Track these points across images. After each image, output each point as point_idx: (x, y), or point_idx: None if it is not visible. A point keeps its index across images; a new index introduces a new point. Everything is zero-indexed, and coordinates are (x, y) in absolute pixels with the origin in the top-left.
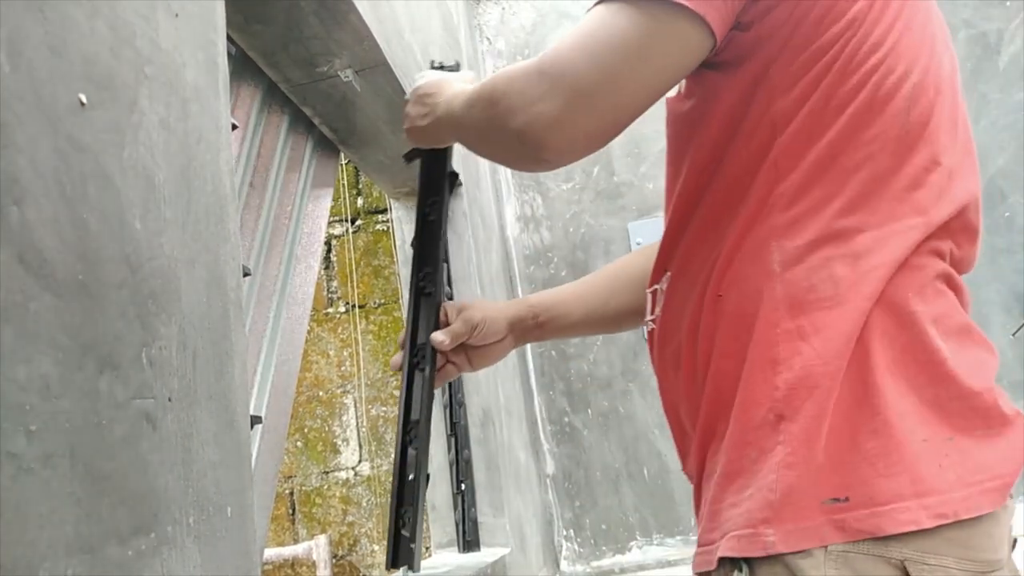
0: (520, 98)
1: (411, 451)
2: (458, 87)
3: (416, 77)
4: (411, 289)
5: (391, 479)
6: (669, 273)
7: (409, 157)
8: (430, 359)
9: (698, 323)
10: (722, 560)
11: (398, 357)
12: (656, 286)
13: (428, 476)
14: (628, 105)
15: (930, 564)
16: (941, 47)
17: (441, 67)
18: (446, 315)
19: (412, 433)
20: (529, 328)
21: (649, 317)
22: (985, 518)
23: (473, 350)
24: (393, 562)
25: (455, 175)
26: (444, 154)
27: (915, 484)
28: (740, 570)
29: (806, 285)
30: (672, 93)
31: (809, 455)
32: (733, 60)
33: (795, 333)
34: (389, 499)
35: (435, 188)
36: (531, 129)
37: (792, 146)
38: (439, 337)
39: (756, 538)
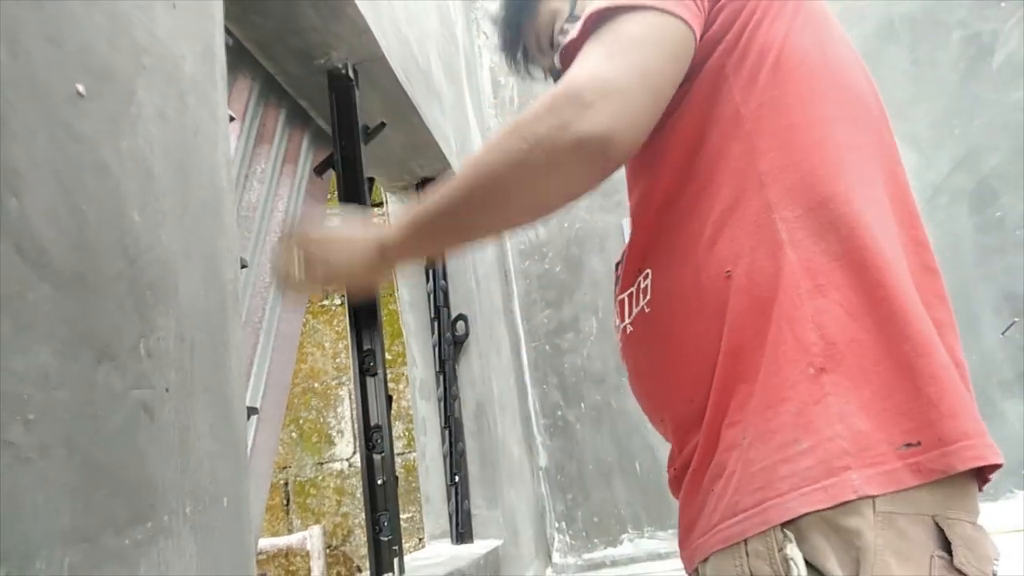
0: (568, 111)
1: (376, 457)
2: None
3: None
4: (348, 295)
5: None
6: (649, 271)
7: (319, 170)
8: (380, 362)
9: (700, 305)
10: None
11: None
12: (631, 289)
13: (397, 478)
14: (658, 102)
15: (951, 519)
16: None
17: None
18: None
19: (375, 439)
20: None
21: (626, 321)
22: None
23: None
24: (377, 570)
25: (372, 180)
26: (358, 161)
27: (976, 423)
28: (790, 540)
29: (816, 248)
30: None
31: (869, 402)
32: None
33: (816, 292)
34: (364, 508)
35: (354, 194)
36: (593, 127)
37: (766, 127)
38: None
39: (842, 484)
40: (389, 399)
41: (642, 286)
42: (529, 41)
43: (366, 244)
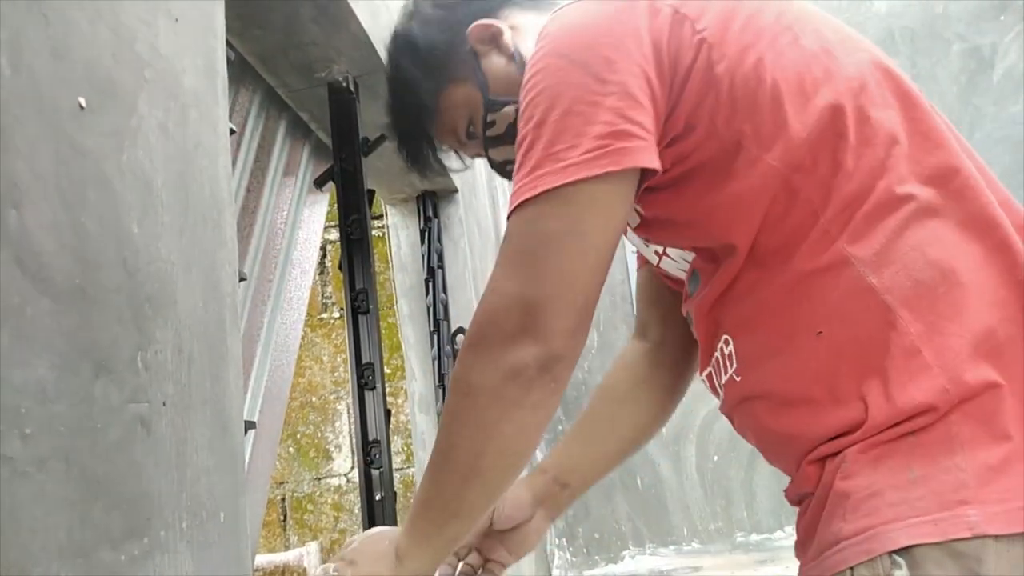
0: (496, 348)
1: (374, 472)
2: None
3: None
4: (347, 310)
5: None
6: (728, 337)
7: (319, 182)
8: (379, 376)
9: (791, 369)
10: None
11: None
12: (708, 368)
13: (395, 494)
14: (592, 283)
15: None
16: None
17: None
18: None
19: (373, 453)
20: (557, 495)
21: (730, 374)
22: None
23: (505, 537)
24: None
25: (372, 192)
26: (358, 173)
27: None
28: (899, 567)
29: (910, 284)
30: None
31: (992, 435)
32: (699, 160)
33: (930, 331)
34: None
35: (354, 207)
36: (525, 357)
37: (816, 181)
38: None
39: (955, 520)
40: (388, 413)
41: (723, 358)
42: (444, 141)
43: (389, 561)
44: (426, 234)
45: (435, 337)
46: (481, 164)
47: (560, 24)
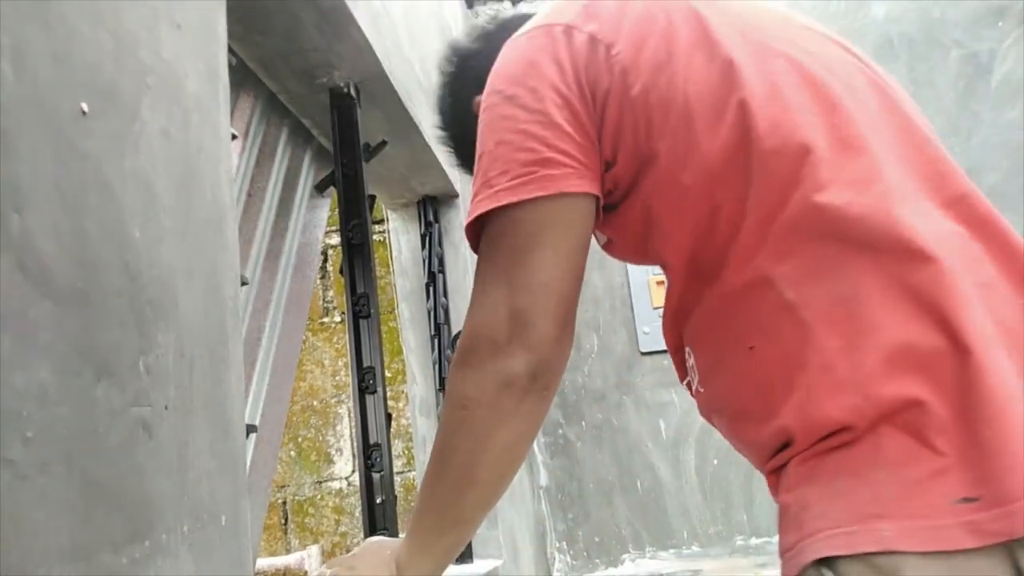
0: (486, 360)
1: (375, 475)
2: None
3: None
4: (348, 314)
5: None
6: (689, 350)
7: (321, 187)
8: (380, 380)
9: (733, 384)
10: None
11: None
12: (686, 378)
13: (396, 498)
14: (565, 295)
15: None
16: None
17: None
18: None
19: (374, 457)
20: None
21: (696, 386)
22: None
23: None
24: None
25: (373, 197)
26: (360, 179)
27: None
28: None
29: (829, 298)
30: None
31: (919, 450)
32: (628, 182)
33: (846, 347)
34: (363, 527)
35: (355, 211)
36: (512, 366)
37: (733, 196)
38: None
39: (866, 534)
40: (389, 417)
41: (691, 365)
42: None
43: (389, 570)
44: (427, 239)
45: (436, 341)
46: None
47: (498, 62)
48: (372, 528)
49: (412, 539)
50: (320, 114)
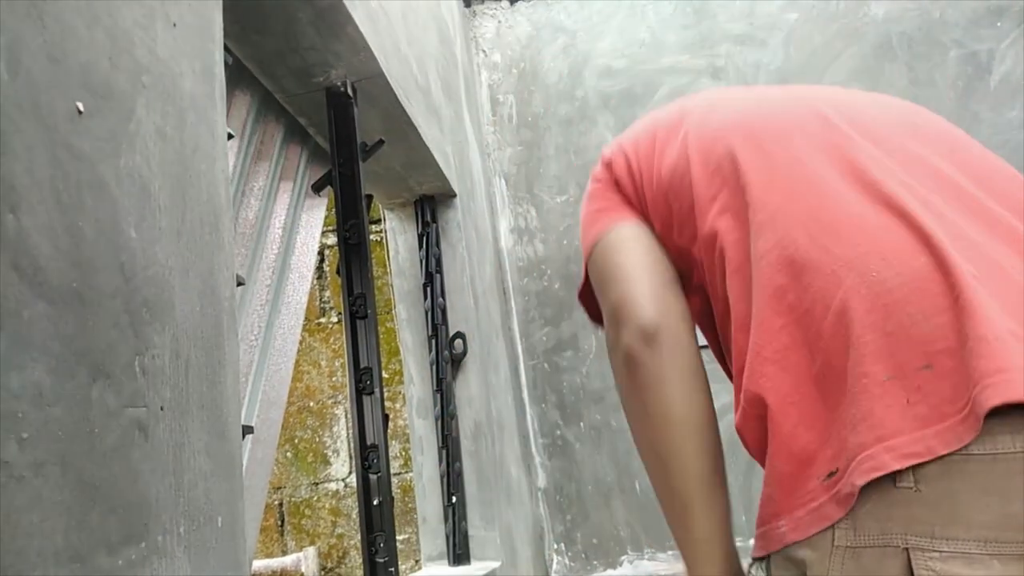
0: (614, 340)
1: (372, 477)
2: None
3: None
4: (345, 314)
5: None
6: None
7: (317, 187)
8: (377, 381)
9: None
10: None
11: None
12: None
13: (393, 499)
14: (656, 277)
15: (928, 550)
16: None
17: None
18: None
19: (371, 458)
20: None
21: None
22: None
23: None
24: None
25: (370, 197)
26: (356, 178)
27: (876, 429)
28: (762, 570)
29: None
30: None
31: (789, 444)
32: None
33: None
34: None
35: (352, 211)
36: (630, 336)
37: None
38: None
39: (771, 534)
40: (386, 418)
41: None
42: None
43: None
44: (424, 239)
45: (433, 342)
46: (478, 169)
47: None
48: (369, 529)
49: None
50: (317, 113)
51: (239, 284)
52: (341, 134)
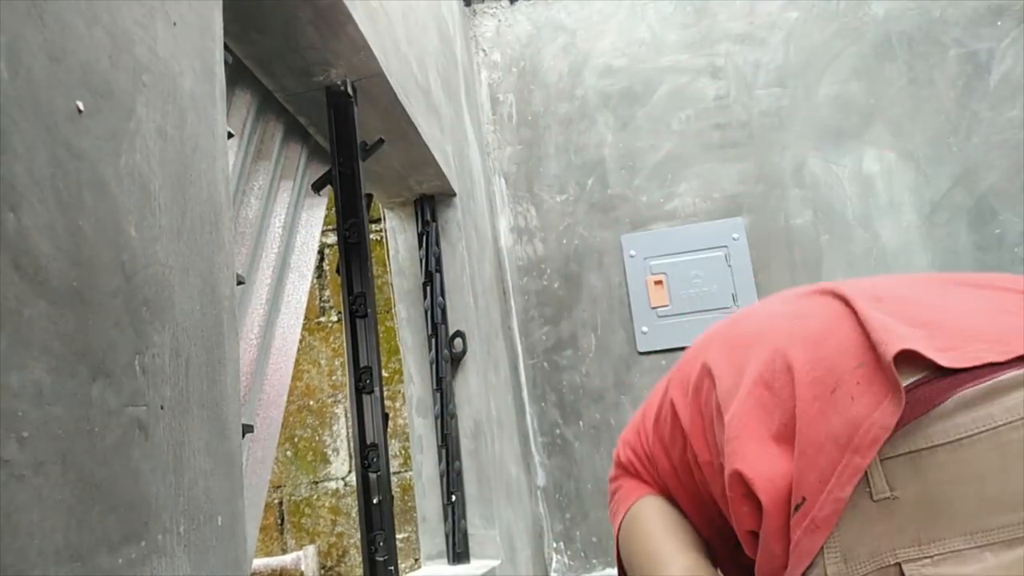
0: None
1: (372, 476)
2: None
3: None
4: (345, 313)
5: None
6: None
7: (317, 186)
8: (377, 380)
9: None
10: None
11: None
12: None
13: (393, 498)
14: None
15: (913, 559)
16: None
17: None
18: None
19: (371, 457)
20: None
21: None
22: None
23: None
24: None
25: (370, 196)
26: (356, 177)
27: (838, 439)
28: None
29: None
30: None
31: (775, 493)
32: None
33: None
34: (359, 528)
35: (352, 210)
36: None
37: None
38: None
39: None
40: (386, 417)
41: None
42: None
43: None
44: (424, 238)
45: (433, 341)
46: (478, 168)
47: None
48: (369, 528)
49: None
50: (317, 112)
51: (239, 283)
52: (341, 133)
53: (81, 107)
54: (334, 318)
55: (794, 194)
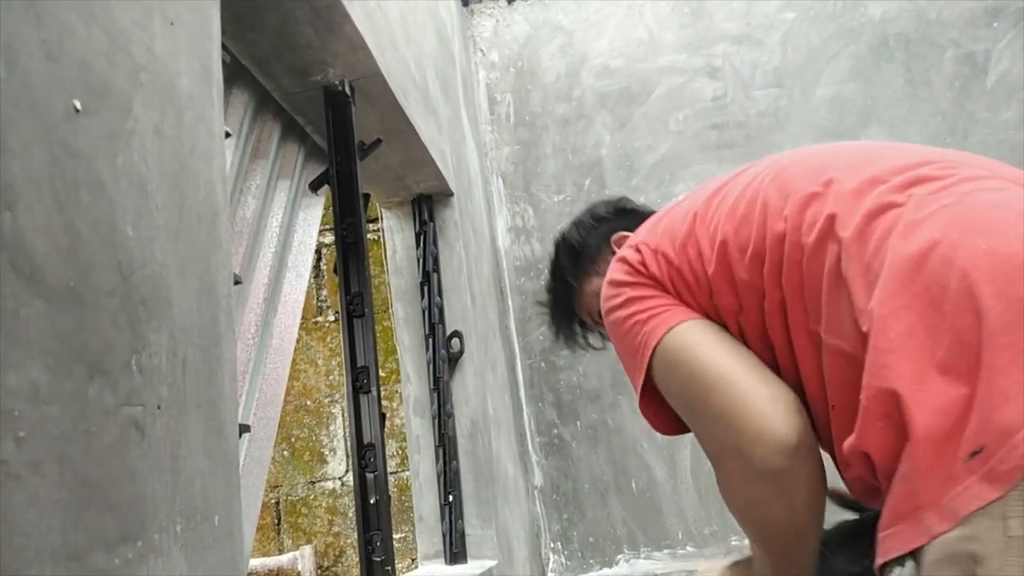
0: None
1: (369, 476)
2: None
3: None
4: (342, 313)
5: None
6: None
7: (315, 186)
8: (374, 380)
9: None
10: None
11: None
12: None
13: (390, 498)
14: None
15: None
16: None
17: None
18: None
19: (368, 457)
20: None
21: None
22: None
23: None
24: None
25: (367, 196)
26: (354, 177)
27: None
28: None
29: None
30: None
31: (928, 426)
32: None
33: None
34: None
35: (349, 210)
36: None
37: None
38: None
39: (914, 528)
40: (383, 417)
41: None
42: (583, 318)
43: None
44: (421, 238)
45: (430, 341)
46: (476, 168)
47: None
48: (366, 528)
49: None
50: (314, 112)
51: (236, 283)
52: (339, 133)
53: (78, 106)
54: (331, 318)
55: None
